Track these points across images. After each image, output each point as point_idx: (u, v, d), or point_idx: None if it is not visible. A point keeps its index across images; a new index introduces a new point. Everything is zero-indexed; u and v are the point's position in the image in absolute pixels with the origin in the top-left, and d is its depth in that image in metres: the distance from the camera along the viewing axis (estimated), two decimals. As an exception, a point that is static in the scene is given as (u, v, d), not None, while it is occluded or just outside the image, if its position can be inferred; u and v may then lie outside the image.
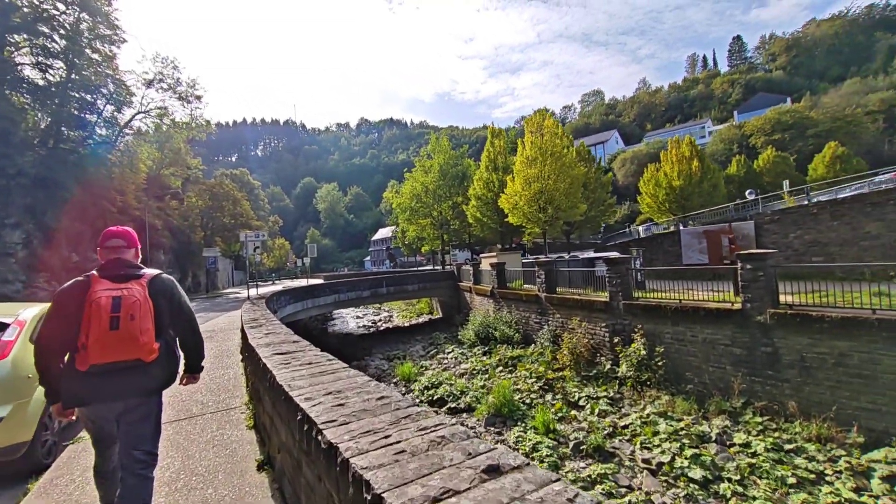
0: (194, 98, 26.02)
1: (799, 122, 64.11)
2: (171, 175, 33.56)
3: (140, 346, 2.28)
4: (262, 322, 5.83)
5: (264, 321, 5.93)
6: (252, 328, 5.17)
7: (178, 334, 2.63)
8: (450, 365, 16.89)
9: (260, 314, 7.03)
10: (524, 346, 16.02)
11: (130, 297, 2.31)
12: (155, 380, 2.43)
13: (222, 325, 12.02)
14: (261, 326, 5.29)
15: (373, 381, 2.30)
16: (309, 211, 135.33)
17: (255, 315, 6.92)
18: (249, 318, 6.26)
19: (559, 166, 20.33)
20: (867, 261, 11.85)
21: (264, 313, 7.32)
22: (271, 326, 5.44)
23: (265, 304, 10.15)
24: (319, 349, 3.89)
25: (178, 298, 2.56)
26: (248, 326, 5.35)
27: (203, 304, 22.69)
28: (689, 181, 31.96)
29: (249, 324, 5.66)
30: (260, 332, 4.72)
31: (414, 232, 38.74)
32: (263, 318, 6.52)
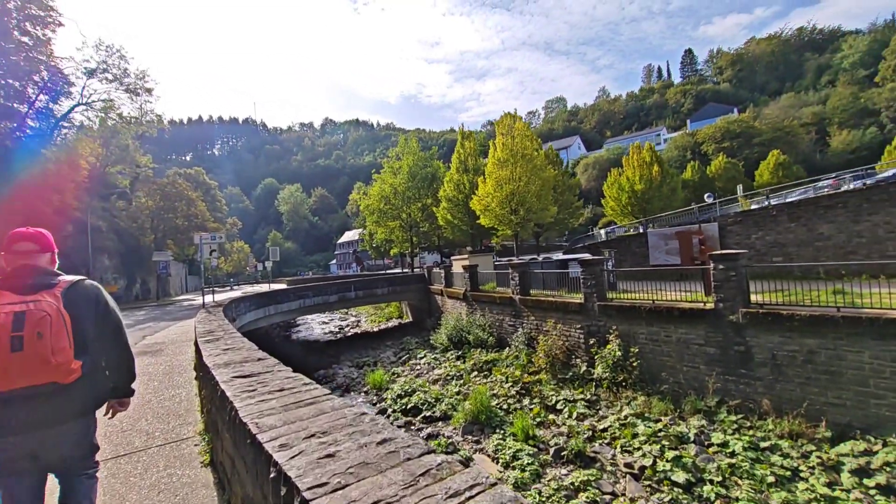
0: (144, 91, 24.19)
1: (745, 131, 68.27)
2: (119, 174, 31.16)
3: (53, 368, 1.88)
4: (219, 335, 5.16)
5: (222, 333, 5.26)
6: (207, 342, 4.52)
7: (103, 351, 2.19)
8: (423, 371, 16.39)
9: (217, 324, 6.30)
10: (499, 349, 15.78)
11: (38, 311, 1.86)
12: (79, 402, 2.04)
13: (173, 336, 10.98)
14: (218, 340, 4.64)
15: (367, 414, 1.83)
16: (270, 213, 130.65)
17: (212, 326, 6.20)
18: (205, 330, 5.56)
19: (530, 168, 20.36)
20: (822, 260, 12.48)
21: (222, 323, 6.59)
22: (231, 340, 4.80)
23: (222, 313, 9.30)
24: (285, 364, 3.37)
25: (104, 308, 2.16)
26: (202, 340, 4.68)
27: (152, 312, 21.00)
28: (649, 185, 33.07)
29: (205, 337, 4.99)
30: (217, 348, 4.10)
31: (382, 234, 37.92)
32: (221, 330, 5.82)
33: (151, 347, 9.25)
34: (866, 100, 65.83)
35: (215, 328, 5.94)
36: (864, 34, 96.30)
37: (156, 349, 8.98)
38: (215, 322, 6.66)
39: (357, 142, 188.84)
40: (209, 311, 9.42)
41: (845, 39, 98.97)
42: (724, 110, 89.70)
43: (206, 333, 5.30)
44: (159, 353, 8.51)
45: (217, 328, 5.96)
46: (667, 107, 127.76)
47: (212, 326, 6.09)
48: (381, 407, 13.33)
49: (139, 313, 20.66)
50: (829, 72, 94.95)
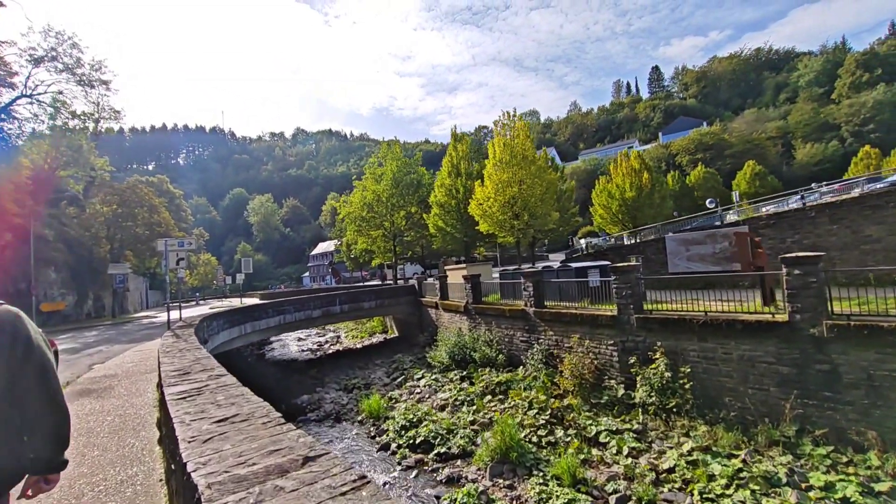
0: (99, 83, 21.55)
1: (717, 143, 70.40)
2: (71, 177, 27.94)
3: None
4: (199, 380, 3.30)
5: (204, 377, 3.40)
6: (181, 398, 2.69)
7: (18, 405, 1.46)
8: (424, 395, 14.51)
9: (191, 358, 4.39)
10: (510, 368, 14.13)
11: None
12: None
13: (129, 366, 8.75)
14: (199, 393, 2.81)
15: None
16: (239, 224, 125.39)
17: (184, 361, 4.29)
18: (175, 370, 3.69)
19: (533, 171, 19.12)
20: (870, 265, 11.60)
21: (198, 355, 4.68)
22: (213, 381, 2.99)
23: (194, 335, 7.27)
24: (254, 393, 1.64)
25: (23, 344, 1.50)
26: (173, 394, 2.84)
27: (106, 332, 18.23)
28: (639, 193, 32.60)
29: (175, 384, 3.14)
30: (191, 405, 2.31)
31: (363, 244, 35.84)
32: (197, 363, 3.96)
33: (98, 383, 7.09)
34: (826, 115, 69.26)
35: (189, 364, 4.05)
36: (816, 55, 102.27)
37: (104, 386, 6.84)
38: (188, 353, 4.73)
39: (330, 152, 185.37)
40: (177, 333, 7.36)
41: (800, 59, 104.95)
42: (695, 123, 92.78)
43: (177, 375, 3.43)
44: (108, 392, 6.39)
45: (191, 363, 4.07)
46: (637, 120, 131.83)
47: (185, 362, 4.18)
48: (383, 441, 11.38)
49: (89, 334, 17.86)
50: (786, 89, 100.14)
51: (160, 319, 24.28)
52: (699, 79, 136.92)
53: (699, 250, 13.34)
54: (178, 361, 4.18)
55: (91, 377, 7.73)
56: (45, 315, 20.99)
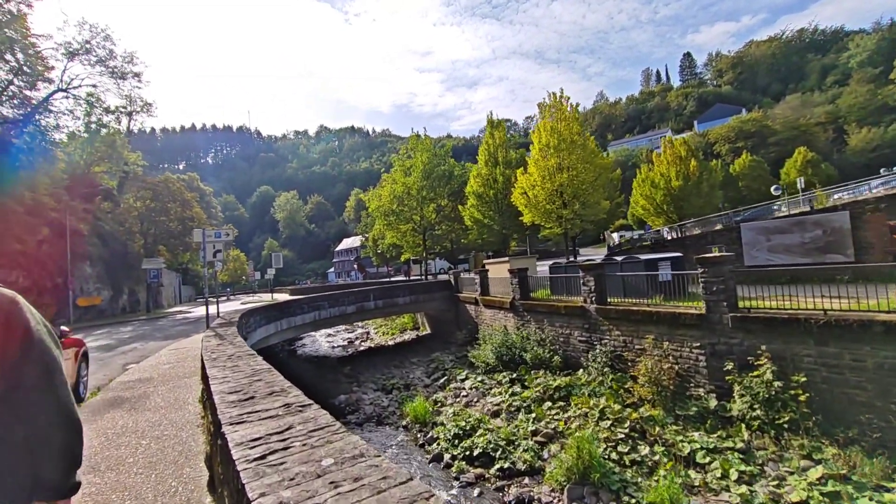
0: (132, 75, 21.22)
1: (760, 130, 66.45)
2: (105, 173, 28.03)
3: None
4: (261, 397, 2.25)
5: (265, 391, 2.35)
6: (245, 438, 1.61)
7: (17, 413, 1.11)
8: (472, 399, 13.39)
9: (248, 370, 3.34)
10: (568, 371, 12.84)
11: None
12: None
13: (166, 368, 7.93)
14: (275, 427, 1.72)
15: None
16: (266, 221, 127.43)
17: (237, 372, 3.26)
18: (230, 390, 2.66)
19: (584, 155, 17.64)
20: None
21: (253, 364, 3.64)
22: (295, 417, 1.93)
23: (238, 334, 6.32)
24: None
25: (23, 336, 1.14)
26: (232, 422, 1.79)
27: (140, 328, 17.87)
28: (686, 182, 30.49)
29: (232, 409, 2.11)
30: (278, 474, 1.19)
31: (392, 238, 34.97)
32: (256, 378, 2.93)
33: (131, 389, 6.23)
34: (884, 97, 64.22)
35: (248, 380, 2.99)
36: (868, 33, 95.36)
37: (138, 393, 5.96)
38: (241, 361, 3.69)
39: (353, 148, 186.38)
40: (219, 332, 6.43)
41: (851, 39, 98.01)
42: (733, 111, 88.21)
43: (237, 403, 2.37)
44: (143, 402, 5.49)
45: (251, 379, 3.01)
46: (668, 109, 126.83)
47: (240, 376, 3.12)
48: (434, 451, 10.31)
49: (124, 329, 17.53)
50: (834, 72, 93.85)
51: (194, 314, 24.02)
52: (735, 64, 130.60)
53: (784, 240, 11.75)
54: (232, 375, 3.13)
55: (125, 381, 6.90)
56: (81, 310, 20.95)
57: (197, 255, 41.78)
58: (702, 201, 30.64)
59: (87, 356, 6.51)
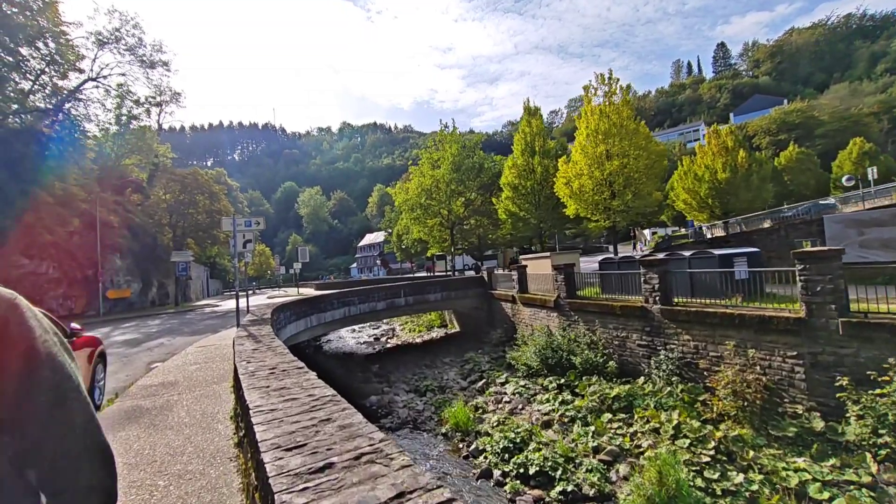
0: (160, 64, 20.85)
1: (805, 121, 62.60)
2: (135, 165, 28.01)
3: None
4: (327, 453, 1.22)
5: (330, 428, 1.32)
6: None
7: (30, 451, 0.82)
8: (516, 405, 12.27)
9: (305, 399, 2.31)
10: (625, 379, 11.56)
11: None
12: None
13: (193, 369, 7.09)
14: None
15: None
16: (290, 216, 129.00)
17: (285, 396, 2.28)
18: (282, 436, 1.60)
19: (636, 141, 16.19)
20: None
21: (305, 382, 2.63)
22: None
23: (276, 337, 5.40)
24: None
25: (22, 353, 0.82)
26: None
27: (168, 321, 17.44)
28: (734, 174, 28.41)
29: (286, 468, 1.05)
30: None
31: (418, 233, 34.05)
32: (318, 406, 1.96)
33: (153, 397, 5.38)
34: (945, 85, 59.40)
35: (307, 416, 1.97)
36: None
37: (160, 403, 5.09)
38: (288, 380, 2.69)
39: (375, 144, 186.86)
40: (252, 333, 5.51)
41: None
42: (774, 102, 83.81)
43: (303, 481, 1.27)
44: (164, 415, 4.60)
45: (310, 415, 2.00)
46: (700, 102, 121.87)
47: (291, 406, 2.12)
48: (482, 466, 9.24)
49: (152, 323, 17.12)
50: (885, 59, 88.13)
51: (221, 308, 23.66)
52: (774, 54, 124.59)
53: (882, 234, 10.09)
54: (282, 406, 2.15)
55: (147, 385, 6.07)
56: (111, 302, 20.80)
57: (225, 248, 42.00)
58: (751, 195, 28.53)
59: (105, 357, 5.70)
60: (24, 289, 7.08)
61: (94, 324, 18.10)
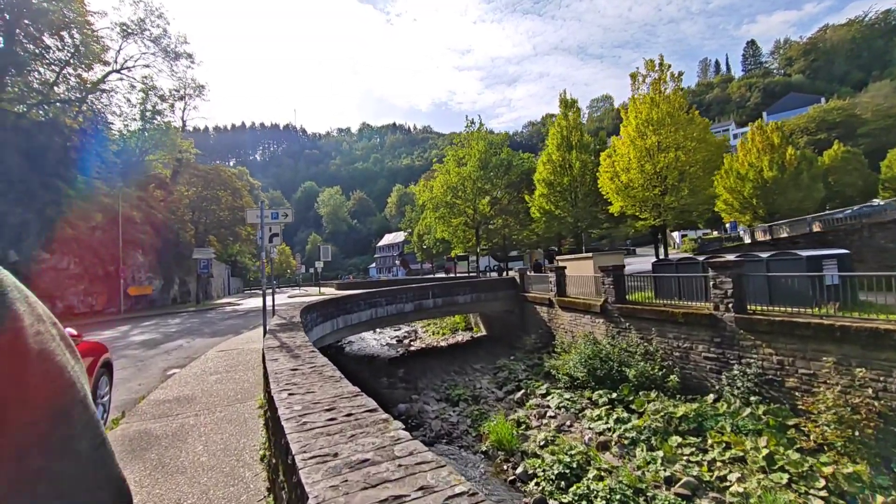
0: (185, 55, 20.36)
1: (847, 119, 59.32)
2: (158, 161, 27.76)
3: None
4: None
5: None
6: None
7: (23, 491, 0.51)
8: (563, 422, 11.05)
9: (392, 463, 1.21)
10: (691, 396, 10.24)
11: None
12: None
13: (212, 382, 6.14)
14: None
15: None
16: (310, 216, 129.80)
17: (357, 441, 1.15)
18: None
19: (693, 132, 14.77)
20: None
21: (369, 424, 1.53)
22: None
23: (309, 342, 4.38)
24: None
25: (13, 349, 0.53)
26: None
27: (189, 320, 16.78)
28: (782, 172, 26.50)
29: None
30: None
31: (442, 232, 33.01)
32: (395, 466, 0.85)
33: (164, 418, 4.41)
34: None
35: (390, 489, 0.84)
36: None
37: (172, 428, 4.11)
38: (352, 422, 1.61)
39: (394, 145, 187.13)
40: (286, 343, 4.50)
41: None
42: (810, 100, 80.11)
43: None
44: (174, 451, 3.61)
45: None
46: (729, 101, 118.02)
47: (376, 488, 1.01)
48: (534, 495, 8.05)
49: (172, 322, 16.48)
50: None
51: (243, 307, 23.07)
52: (808, 51, 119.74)
53: None
54: (353, 479, 0.98)
55: (160, 401, 5.13)
56: (132, 299, 20.37)
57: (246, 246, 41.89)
58: (801, 195, 26.57)
59: (111, 367, 4.78)
60: (44, 284, 5.98)
61: (114, 321, 17.61)
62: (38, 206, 15.47)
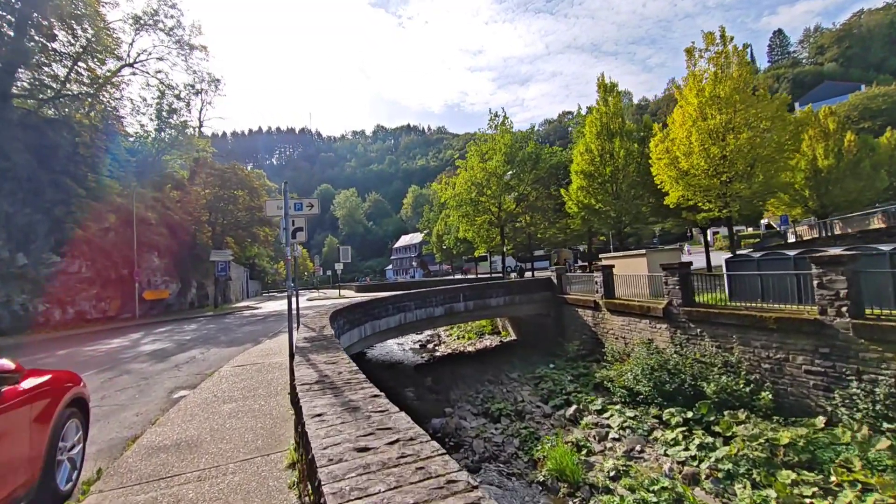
0: (199, 48, 19.40)
1: (893, 107, 55.80)
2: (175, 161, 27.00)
3: None
4: None
5: None
6: None
7: None
8: (632, 446, 9.44)
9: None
10: (788, 417, 8.54)
11: None
12: None
13: (225, 414, 4.81)
14: None
15: None
16: (326, 218, 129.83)
17: None
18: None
19: (765, 109, 12.96)
20: None
21: None
22: None
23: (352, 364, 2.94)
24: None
25: None
26: None
27: (205, 326, 15.66)
28: (839, 161, 24.24)
29: None
30: None
31: (465, 232, 31.56)
32: None
33: (156, 482, 3.05)
34: None
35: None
36: None
37: (167, 498, 2.72)
38: None
39: (409, 146, 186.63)
40: (321, 368, 3.11)
41: None
42: (848, 88, 76.17)
43: None
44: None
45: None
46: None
47: None
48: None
49: (188, 328, 15.39)
50: (978, 38, 78.04)
51: (262, 311, 22.00)
52: (841, 38, 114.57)
53: None
54: None
55: (153, 446, 3.81)
56: (147, 304, 19.47)
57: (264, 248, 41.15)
58: (861, 184, 24.25)
59: (85, 406, 3.43)
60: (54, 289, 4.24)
61: (127, 328, 16.65)
62: (46, 205, 14.57)
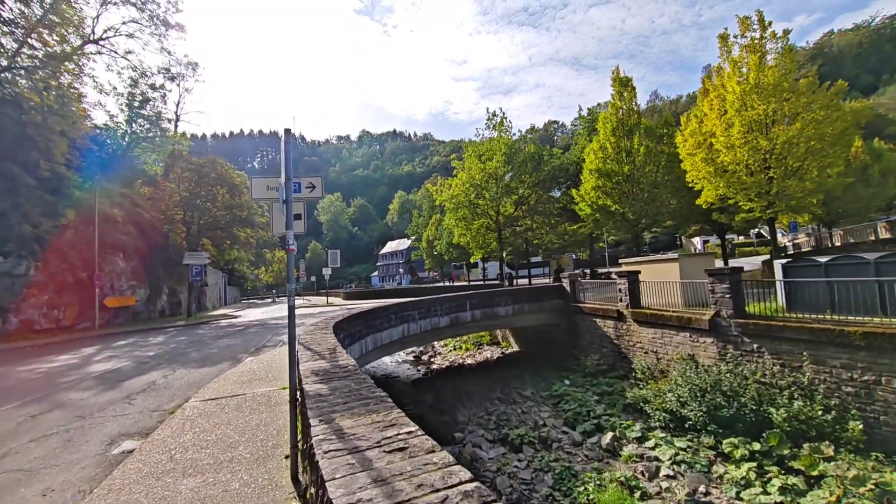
0: (175, 26, 17.37)
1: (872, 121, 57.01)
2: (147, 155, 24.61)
3: None
4: None
5: None
6: None
7: None
8: (693, 486, 7.86)
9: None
10: (884, 450, 7.11)
11: None
12: None
13: (193, 491, 3.00)
14: None
15: None
16: (310, 223, 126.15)
17: None
18: None
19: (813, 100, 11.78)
20: None
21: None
22: None
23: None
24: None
25: None
26: None
27: (173, 340, 13.46)
28: (847, 167, 23.64)
29: None
30: None
31: (461, 236, 29.99)
32: None
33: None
34: None
35: None
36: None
37: None
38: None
39: (395, 152, 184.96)
40: (354, 441, 1.40)
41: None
42: (828, 102, 77.84)
43: None
44: None
45: None
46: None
47: None
48: None
49: (153, 341, 13.19)
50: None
51: (241, 320, 19.81)
52: (814, 56, 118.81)
53: None
54: None
55: None
56: (110, 312, 17.11)
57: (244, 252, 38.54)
58: (870, 192, 23.67)
59: None
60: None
61: (82, 340, 14.33)
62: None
